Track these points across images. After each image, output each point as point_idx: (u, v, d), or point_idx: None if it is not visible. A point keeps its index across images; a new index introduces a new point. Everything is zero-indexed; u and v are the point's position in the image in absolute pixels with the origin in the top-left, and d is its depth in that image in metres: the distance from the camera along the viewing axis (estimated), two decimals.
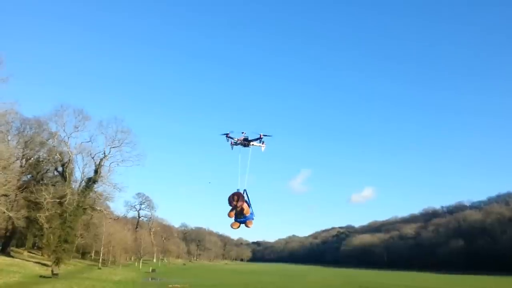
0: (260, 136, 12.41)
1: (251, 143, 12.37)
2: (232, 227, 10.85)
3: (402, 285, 66.68)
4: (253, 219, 10.75)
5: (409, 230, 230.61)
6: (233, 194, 10.37)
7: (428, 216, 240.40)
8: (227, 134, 12.38)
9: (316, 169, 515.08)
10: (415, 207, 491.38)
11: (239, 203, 10.31)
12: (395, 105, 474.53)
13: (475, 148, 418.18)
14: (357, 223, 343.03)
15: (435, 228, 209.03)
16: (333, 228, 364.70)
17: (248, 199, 10.78)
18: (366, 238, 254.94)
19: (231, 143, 12.32)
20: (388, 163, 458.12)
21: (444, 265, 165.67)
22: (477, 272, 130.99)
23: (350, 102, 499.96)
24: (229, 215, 10.47)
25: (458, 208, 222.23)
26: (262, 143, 12.55)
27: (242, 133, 12.41)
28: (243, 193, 10.74)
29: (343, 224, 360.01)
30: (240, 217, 10.62)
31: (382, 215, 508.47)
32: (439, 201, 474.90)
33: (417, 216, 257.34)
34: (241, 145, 12.33)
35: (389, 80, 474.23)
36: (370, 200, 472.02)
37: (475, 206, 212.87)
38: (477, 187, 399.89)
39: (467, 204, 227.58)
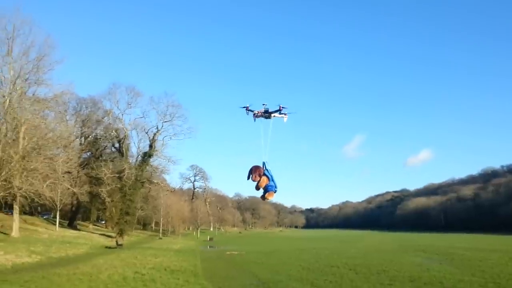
0: (280, 107, 11.99)
1: (272, 114, 12.00)
2: (262, 198, 10.66)
3: (460, 247, 65.23)
4: (274, 191, 10.40)
5: (467, 191, 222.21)
6: (250, 169, 10.24)
7: (487, 177, 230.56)
8: (246, 107, 12.05)
9: (370, 134, 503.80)
10: (473, 168, 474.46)
11: (254, 176, 10.15)
12: (450, 68, 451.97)
13: None
14: (412, 187, 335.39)
15: (495, 188, 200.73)
16: (387, 193, 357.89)
17: (268, 171, 10.73)
18: (422, 201, 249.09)
19: (254, 115, 11.99)
20: (446, 124, 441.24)
21: (505, 226, 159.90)
22: None
23: (405, 66, 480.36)
24: (256, 189, 10.28)
25: None
26: (285, 115, 12.20)
27: (263, 104, 12.06)
28: (263, 166, 10.46)
29: (398, 188, 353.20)
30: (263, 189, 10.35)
31: (439, 178, 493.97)
32: (499, 160, 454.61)
33: (476, 177, 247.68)
34: (263, 117, 12.00)
35: (443, 45, 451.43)
36: (426, 162, 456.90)
37: None
38: None
39: None
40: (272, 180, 10.49)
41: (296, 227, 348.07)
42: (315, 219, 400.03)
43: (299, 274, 31.64)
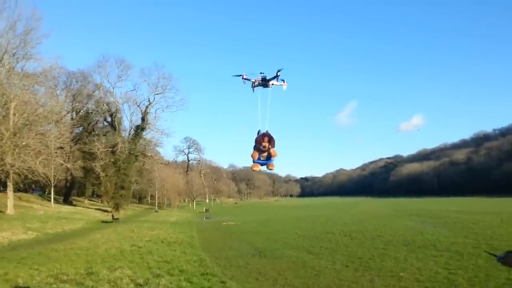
0: (277, 73, 11.07)
1: (270, 82, 11.15)
2: (253, 169, 9.96)
3: (453, 211, 66.13)
4: (273, 160, 9.70)
5: (460, 155, 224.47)
6: (263, 135, 9.46)
7: (479, 141, 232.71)
8: (242, 76, 11.18)
9: (363, 100, 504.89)
10: (466, 132, 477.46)
11: (272, 145, 9.40)
12: (441, 32, 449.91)
13: None
14: (405, 153, 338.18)
15: (487, 152, 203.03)
16: (381, 159, 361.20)
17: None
18: (415, 167, 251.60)
19: (252, 85, 11.12)
20: (438, 89, 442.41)
21: (497, 189, 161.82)
22: None
23: (395, 32, 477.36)
24: (252, 156, 9.59)
25: (511, 130, 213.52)
26: (283, 82, 11.35)
27: (261, 73, 11.18)
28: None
29: (391, 155, 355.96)
30: (264, 160, 9.67)
31: (432, 143, 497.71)
32: (491, 124, 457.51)
33: (468, 141, 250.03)
34: (261, 86, 11.15)
35: (433, 9, 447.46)
36: (419, 128, 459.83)
37: None
38: None
39: None
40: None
41: (291, 196, 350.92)
42: (310, 188, 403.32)
43: (295, 242, 31.96)
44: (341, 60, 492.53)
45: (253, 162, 9.72)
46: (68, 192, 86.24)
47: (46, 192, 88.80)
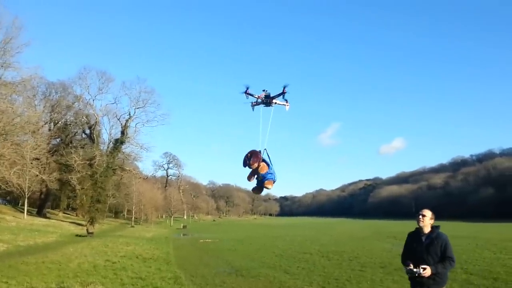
0: (284, 90, 10.48)
1: (274, 100, 10.63)
2: (253, 191, 9.67)
3: None
4: (274, 180, 9.30)
5: (438, 180, 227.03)
6: (247, 155, 9.02)
7: (457, 166, 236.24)
8: (246, 91, 10.61)
9: (345, 122, 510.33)
10: (444, 157, 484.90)
11: (253, 161, 8.90)
12: (422, 57, 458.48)
13: (505, 94, 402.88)
14: (385, 175, 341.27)
15: (464, 177, 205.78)
16: (360, 181, 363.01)
17: (269, 159, 9.45)
18: (394, 189, 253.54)
19: (252, 103, 10.68)
20: (419, 113, 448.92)
21: (474, 214, 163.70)
22: (507, 220, 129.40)
23: (378, 55, 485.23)
24: (249, 179, 9.20)
25: (488, 156, 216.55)
26: (286, 102, 10.79)
27: (263, 90, 10.67)
28: (263, 152, 9.37)
29: (371, 177, 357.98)
30: (258, 178, 9.25)
31: (411, 166, 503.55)
32: (468, 150, 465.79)
33: (446, 165, 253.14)
34: (263, 103, 10.65)
35: (416, 34, 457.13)
36: (399, 151, 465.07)
37: (506, 154, 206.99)
38: (508, 134, 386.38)
39: (497, 151, 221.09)
40: (271, 168, 9.49)
41: (270, 215, 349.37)
42: (289, 207, 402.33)
43: (272, 261, 31.63)
44: (325, 82, 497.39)
45: (266, 179, 9.29)
46: (42, 204, 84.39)
47: (20, 204, 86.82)
